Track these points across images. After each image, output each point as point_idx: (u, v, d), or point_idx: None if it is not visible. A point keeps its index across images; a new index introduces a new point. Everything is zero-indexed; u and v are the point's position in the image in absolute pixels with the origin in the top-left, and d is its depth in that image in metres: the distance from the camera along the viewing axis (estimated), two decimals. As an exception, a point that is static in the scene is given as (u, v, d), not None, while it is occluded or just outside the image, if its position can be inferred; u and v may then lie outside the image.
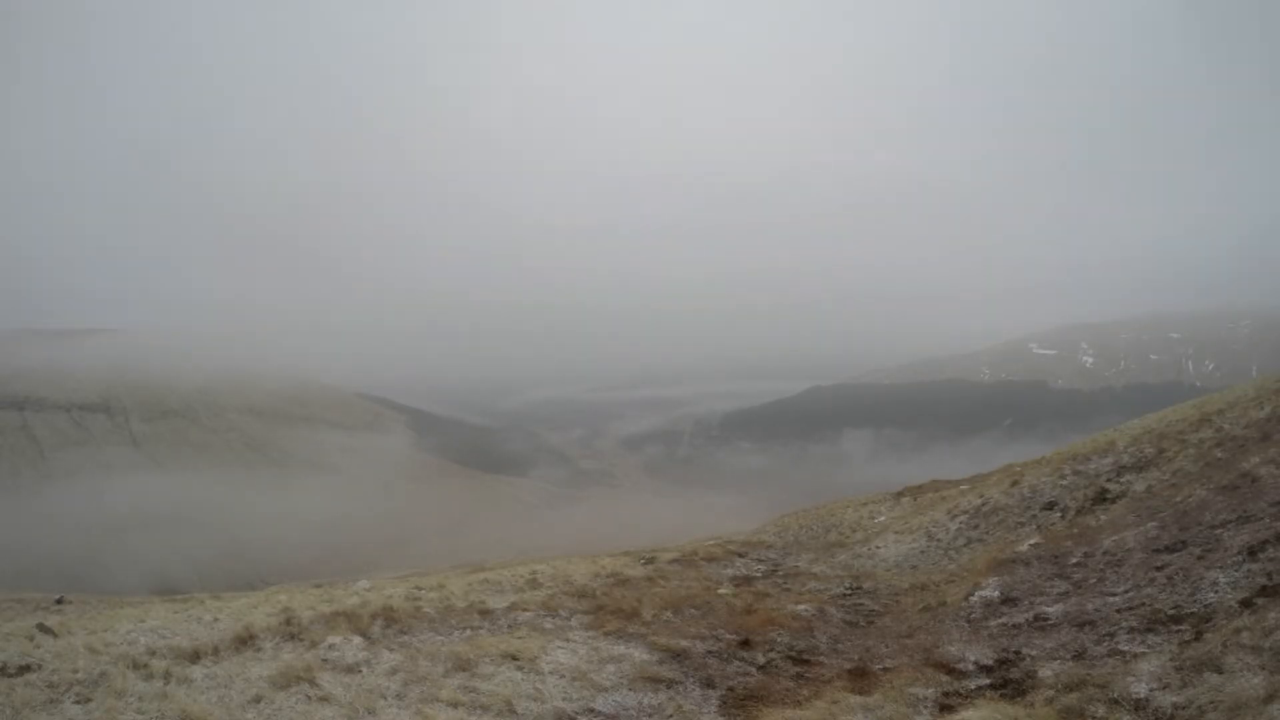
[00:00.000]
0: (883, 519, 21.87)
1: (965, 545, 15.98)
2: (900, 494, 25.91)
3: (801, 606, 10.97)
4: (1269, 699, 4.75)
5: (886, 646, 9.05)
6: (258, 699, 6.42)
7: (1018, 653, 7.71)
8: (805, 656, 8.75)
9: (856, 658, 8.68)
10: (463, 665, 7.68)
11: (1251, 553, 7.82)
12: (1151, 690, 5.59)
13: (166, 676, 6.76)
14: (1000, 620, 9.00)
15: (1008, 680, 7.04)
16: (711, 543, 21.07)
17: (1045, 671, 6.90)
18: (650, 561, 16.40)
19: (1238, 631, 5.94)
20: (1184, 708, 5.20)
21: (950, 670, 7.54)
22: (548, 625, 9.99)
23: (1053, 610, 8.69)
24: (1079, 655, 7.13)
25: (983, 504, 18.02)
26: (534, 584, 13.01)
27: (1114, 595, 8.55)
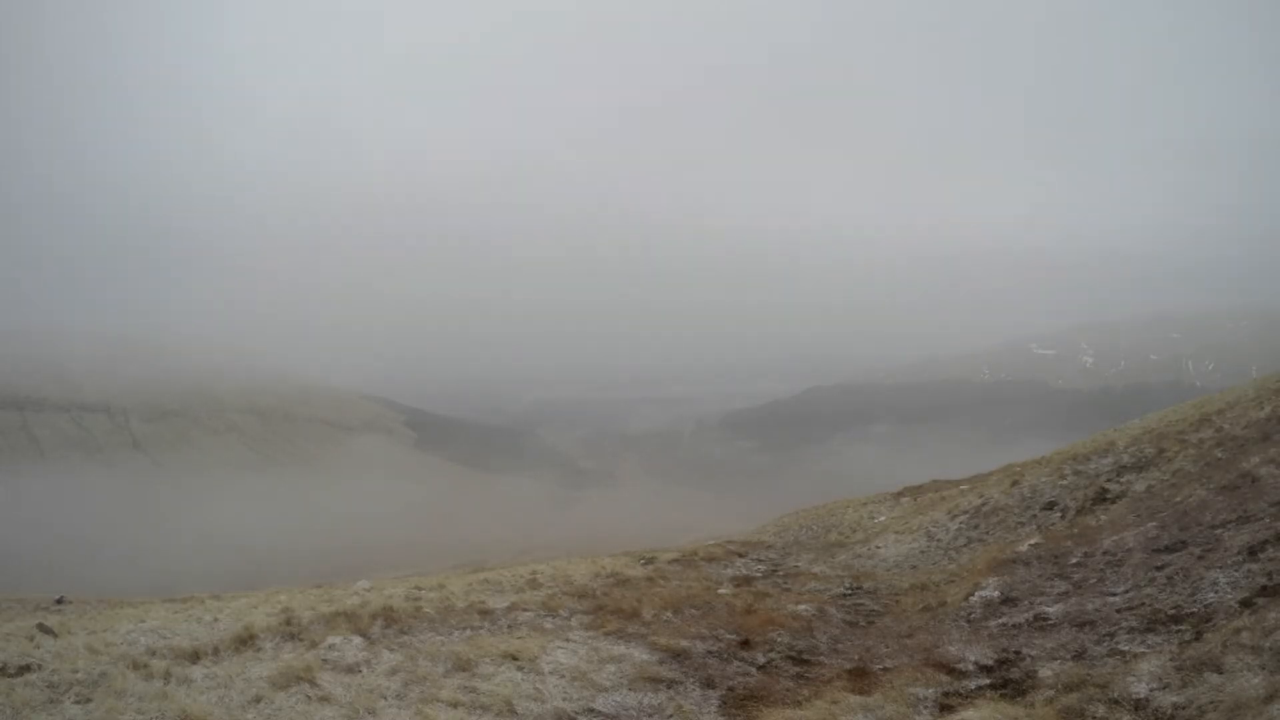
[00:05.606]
0: (883, 519, 21.87)
1: (965, 545, 15.99)
2: (900, 494, 25.92)
3: (801, 606, 10.97)
4: (1269, 699, 4.75)
5: (886, 646, 9.05)
6: (258, 699, 6.42)
7: (1018, 653, 7.71)
8: (805, 656, 8.75)
9: (856, 658, 8.68)
10: (463, 665, 7.68)
11: (1251, 553, 7.82)
12: (1151, 690, 5.59)
13: (166, 676, 6.77)
14: (1000, 620, 9.00)
15: (1008, 680, 7.04)
16: (711, 543, 21.08)
17: (1045, 671, 6.90)
18: (650, 561, 16.40)
19: (1238, 631, 5.93)
20: (1184, 708, 5.19)
21: (950, 670, 7.54)
22: (548, 625, 9.99)
23: (1053, 610, 8.69)
24: (1079, 655, 7.12)
25: (983, 504, 18.03)
26: (534, 584, 13.01)
27: (1114, 595, 8.55)
